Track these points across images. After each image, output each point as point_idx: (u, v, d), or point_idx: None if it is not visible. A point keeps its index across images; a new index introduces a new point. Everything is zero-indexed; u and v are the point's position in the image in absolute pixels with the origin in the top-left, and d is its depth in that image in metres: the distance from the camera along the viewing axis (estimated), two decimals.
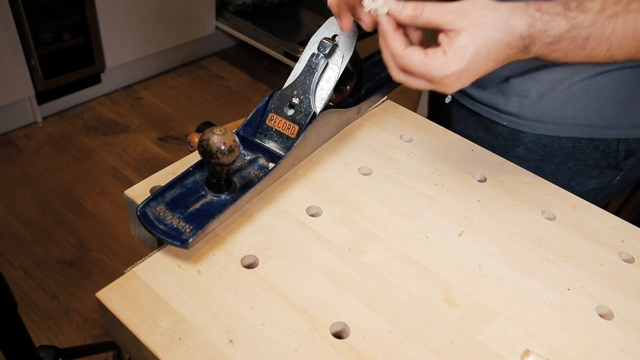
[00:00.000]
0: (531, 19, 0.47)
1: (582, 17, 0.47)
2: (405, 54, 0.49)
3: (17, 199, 1.74)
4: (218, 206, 0.55)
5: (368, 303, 0.51)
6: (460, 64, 0.47)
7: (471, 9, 0.47)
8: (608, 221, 0.64)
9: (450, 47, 0.48)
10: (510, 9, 0.47)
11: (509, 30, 0.47)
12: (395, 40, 0.50)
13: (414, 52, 0.49)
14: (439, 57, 0.48)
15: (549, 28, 0.47)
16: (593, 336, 0.51)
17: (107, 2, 1.94)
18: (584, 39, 0.47)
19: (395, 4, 0.50)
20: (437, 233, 0.59)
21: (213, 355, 0.45)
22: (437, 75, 0.48)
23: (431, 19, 0.48)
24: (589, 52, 0.48)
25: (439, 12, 0.48)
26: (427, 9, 0.48)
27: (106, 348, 1.20)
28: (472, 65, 0.48)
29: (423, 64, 0.48)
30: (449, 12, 0.48)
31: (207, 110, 2.22)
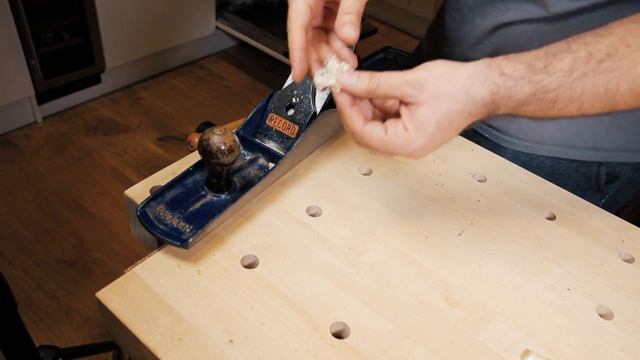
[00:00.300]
0: (494, 86, 0.44)
1: (548, 80, 0.44)
2: (365, 132, 0.47)
3: (17, 199, 1.74)
4: (218, 206, 0.55)
5: (368, 303, 0.51)
6: (421, 139, 0.45)
7: (429, 80, 0.45)
8: (608, 221, 0.64)
9: (411, 122, 0.45)
10: (470, 77, 0.44)
11: (470, 100, 0.44)
12: (352, 119, 0.47)
13: (373, 129, 0.47)
14: (399, 134, 0.46)
15: (513, 93, 0.44)
16: (593, 336, 0.51)
17: (107, 2, 1.94)
18: (551, 101, 0.45)
19: (348, 78, 0.47)
20: (437, 233, 0.59)
21: (213, 355, 0.45)
22: (399, 152, 0.47)
23: (388, 92, 0.46)
24: (558, 111, 0.46)
25: (396, 85, 0.45)
26: (382, 82, 0.46)
27: (106, 348, 1.20)
28: (435, 139, 0.46)
29: (384, 142, 0.46)
30: (405, 84, 0.45)
31: (207, 110, 2.22)
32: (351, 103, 0.47)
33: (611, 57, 0.44)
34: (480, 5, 0.68)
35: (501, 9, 0.66)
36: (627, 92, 0.44)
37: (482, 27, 0.68)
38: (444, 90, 0.44)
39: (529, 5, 0.63)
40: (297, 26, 0.48)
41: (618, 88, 0.44)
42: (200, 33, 2.39)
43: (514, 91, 0.44)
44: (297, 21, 0.48)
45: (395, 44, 0.89)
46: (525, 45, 0.66)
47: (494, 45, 0.69)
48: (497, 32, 0.68)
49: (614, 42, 0.44)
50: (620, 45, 0.44)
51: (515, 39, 0.66)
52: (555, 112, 0.46)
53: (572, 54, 0.44)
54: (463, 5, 0.71)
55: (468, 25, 0.71)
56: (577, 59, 0.44)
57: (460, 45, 0.74)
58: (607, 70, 0.44)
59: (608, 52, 0.44)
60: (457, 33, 0.74)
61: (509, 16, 0.65)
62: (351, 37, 0.47)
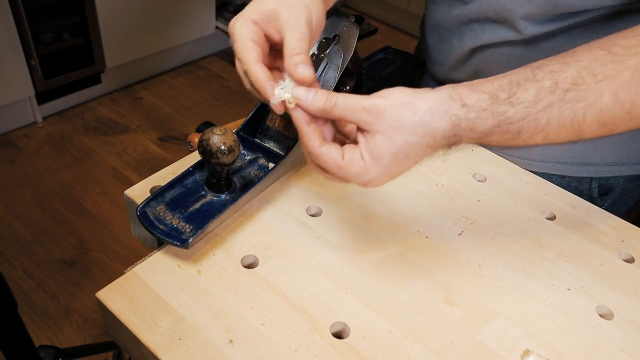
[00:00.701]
0: (455, 118, 0.42)
1: (512, 112, 0.42)
2: (321, 153, 0.45)
3: (17, 199, 1.74)
4: (218, 206, 0.55)
5: (368, 303, 0.51)
6: (377, 170, 0.44)
7: (387, 109, 0.42)
8: (608, 221, 0.64)
9: (367, 151, 0.43)
10: (431, 109, 0.42)
11: (429, 133, 0.42)
12: (309, 137, 0.45)
13: (330, 153, 0.44)
14: (355, 163, 0.44)
15: (475, 126, 0.42)
16: (593, 336, 0.51)
17: (107, 2, 1.94)
18: (515, 132, 0.43)
19: (304, 93, 0.45)
20: (437, 233, 0.59)
21: (213, 355, 0.45)
22: (354, 180, 0.45)
23: (344, 115, 0.44)
24: (523, 142, 0.44)
25: (352, 109, 0.43)
26: (339, 104, 0.44)
27: (106, 348, 1.20)
28: (390, 170, 0.44)
29: (339, 167, 0.44)
30: (362, 110, 0.43)
31: (207, 110, 2.22)
32: (309, 120, 0.45)
33: (577, 87, 0.42)
34: (456, 26, 0.69)
35: (477, 31, 0.66)
36: (593, 122, 0.43)
37: (460, 49, 0.69)
38: (402, 121, 0.42)
39: (502, 28, 0.63)
40: (253, 62, 0.46)
41: (584, 119, 0.42)
42: (200, 33, 2.39)
43: (477, 123, 0.42)
44: (250, 57, 0.46)
45: (395, 44, 0.89)
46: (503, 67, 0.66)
47: (474, 67, 0.70)
48: (476, 55, 0.69)
49: (580, 70, 0.42)
50: (587, 74, 0.42)
51: (493, 60, 0.67)
52: (520, 142, 0.44)
53: (537, 83, 0.43)
54: (440, 25, 0.72)
55: (447, 44, 0.72)
56: (542, 88, 0.42)
57: (442, 65, 0.75)
58: (573, 101, 0.42)
59: (574, 82, 0.42)
60: (438, 52, 0.75)
61: (484, 38, 0.65)
62: (307, 76, 0.45)
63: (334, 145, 0.45)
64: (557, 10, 0.58)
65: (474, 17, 0.65)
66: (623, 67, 0.41)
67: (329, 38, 0.62)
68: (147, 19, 2.12)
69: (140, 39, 2.15)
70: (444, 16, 0.70)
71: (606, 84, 0.42)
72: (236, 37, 0.47)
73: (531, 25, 0.61)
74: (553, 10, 0.58)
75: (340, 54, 0.62)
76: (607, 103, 0.42)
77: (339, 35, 0.63)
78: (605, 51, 0.43)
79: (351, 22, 0.63)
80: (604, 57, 0.42)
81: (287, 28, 0.46)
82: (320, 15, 0.49)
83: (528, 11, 0.59)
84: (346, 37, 0.63)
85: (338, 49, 0.62)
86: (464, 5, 0.66)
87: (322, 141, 0.45)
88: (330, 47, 0.62)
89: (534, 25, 0.61)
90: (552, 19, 0.60)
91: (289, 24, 0.46)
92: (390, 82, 0.77)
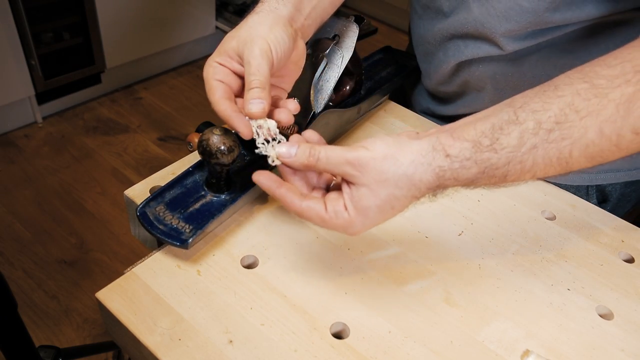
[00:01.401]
0: (438, 170, 0.42)
1: (496, 158, 0.42)
2: (303, 210, 0.45)
3: (17, 199, 1.74)
4: (218, 206, 0.55)
5: (368, 303, 0.51)
6: (362, 222, 0.44)
7: (370, 162, 0.42)
8: (608, 221, 0.63)
9: (351, 203, 0.43)
10: (414, 161, 0.42)
11: (414, 185, 0.42)
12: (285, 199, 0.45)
13: (311, 208, 0.45)
14: (340, 215, 0.44)
15: (459, 175, 0.42)
16: (593, 336, 0.51)
17: (107, 2, 1.94)
18: (501, 176, 0.43)
19: (286, 150, 0.45)
20: (437, 233, 0.59)
21: (213, 356, 0.45)
22: (340, 231, 0.45)
23: (328, 168, 0.44)
24: (510, 182, 0.44)
25: (336, 163, 0.43)
26: (322, 158, 0.44)
27: (106, 348, 1.20)
28: (376, 220, 0.44)
29: (324, 222, 0.45)
30: (346, 163, 0.43)
31: (207, 110, 2.22)
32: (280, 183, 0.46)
33: (560, 125, 0.41)
34: (440, 41, 0.69)
35: (460, 46, 0.66)
36: (581, 157, 0.42)
37: (445, 64, 0.69)
38: (386, 175, 0.42)
39: (484, 44, 0.63)
40: (218, 100, 0.48)
41: (571, 155, 0.42)
42: (200, 33, 2.39)
43: (461, 173, 0.42)
44: (214, 95, 0.49)
45: (395, 44, 0.89)
46: (490, 80, 0.66)
47: (461, 81, 0.70)
48: (462, 69, 0.69)
49: (562, 108, 0.42)
50: (570, 111, 0.41)
51: (479, 74, 0.67)
52: (507, 183, 0.44)
53: (520, 126, 0.42)
54: (425, 40, 0.72)
55: (433, 59, 0.72)
56: (525, 130, 0.42)
57: (430, 78, 0.75)
58: (558, 140, 0.42)
59: (557, 121, 0.41)
60: (426, 65, 0.75)
61: (467, 53, 0.65)
62: (258, 112, 0.47)
63: (314, 199, 0.45)
64: (537, 26, 0.58)
65: (456, 32, 0.65)
66: (607, 100, 0.41)
67: (329, 38, 0.62)
68: (147, 19, 2.12)
69: (140, 39, 2.15)
70: (428, 31, 0.70)
71: (590, 119, 0.41)
72: (205, 80, 0.49)
73: (512, 42, 0.61)
74: (532, 26, 0.58)
75: (340, 54, 0.62)
76: (593, 138, 0.41)
77: (338, 35, 0.63)
78: (588, 84, 0.42)
79: (351, 22, 0.63)
80: (587, 91, 0.41)
81: (245, 64, 0.48)
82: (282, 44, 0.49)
83: (507, 29, 0.59)
84: (346, 37, 0.63)
85: (338, 49, 0.62)
86: (445, 19, 0.66)
87: (301, 197, 0.45)
88: (330, 47, 0.62)
89: (515, 41, 0.61)
90: (533, 35, 0.60)
91: (245, 59, 0.48)
92: (390, 82, 0.77)
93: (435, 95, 0.78)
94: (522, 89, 0.65)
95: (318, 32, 0.64)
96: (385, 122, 0.75)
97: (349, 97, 0.71)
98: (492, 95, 0.68)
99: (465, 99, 0.72)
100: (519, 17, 0.58)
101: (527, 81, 0.64)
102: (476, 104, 0.71)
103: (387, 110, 0.78)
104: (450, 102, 0.76)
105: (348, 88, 0.70)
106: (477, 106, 0.71)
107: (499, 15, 0.59)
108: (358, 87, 0.72)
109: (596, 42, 0.59)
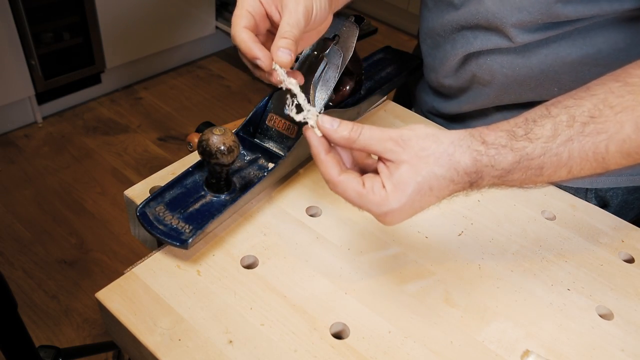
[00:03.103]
0: (476, 154, 0.42)
1: (531, 147, 0.42)
2: (340, 181, 0.44)
3: (17, 199, 1.74)
4: (218, 206, 0.55)
5: (368, 303, 0.51)
6: (399, 200, 0.42)
7: (412, 138, 0.43)
8: (608, 221, 0.63)
9: (389, 181, 0.43)
10: (453, 142, 0.43)
11: (453, 165, 0.42)
12: (326, 166, 0.44)
13: (349, 181, 0.44)
14: (377, 192, 0.43)
15: (496, 162, 0.42)
16: (593, 336, 0.51)
17: (107, 2, 1.94)
18: (537, 168, 0.43)
19: (329, 122, 0.44)
20: (437, 233, 0.59)
21: (213, 356, 0.45)
22: (375, 210, 0.44)
23: (369, 144, 0.43)
24: (547, 177, 0.44)
25: (378, 138, 0.43)
26: (364, 133, 0.43)
27: (106, 348, 1.20)
28: (413, 202, 0.43)
29: (359, 196, 0.43)
30: (388, 139, 0.43)
31: (207, 110, 2.22)
32: (327, 149, 0.45)
33: (595, 120, 0.42)
34: (449, 33, 0.69)
35: (469, 38, 0.66)
36: (617, 153, 0.42)
37: (453, 55, 0.69)
38: (427, 151, 0.42)
39: (494, 35, 0.63)
40: (240, 28, 0.47)
41: (607, 150, 0.42)
42: (200, 33, 2.39)
43: (497, 159, 0.42)
44: (239, 24, 0.47)
45: (395, 44, 0.89)
46: (497, 73, 0.66)
47: (469, 74, 0.70)
48: (469, 62, 0.69)
49: (596, 104, 0.42)
50: (604, 107, 0.42)
51: (487, 67, 0.67)
52: (544, 179, 0.44)
53: (553, 119, 0.43)
54: (434, 32, 0.72)
55: (441, 51, 0.72)
56: (559, 123, 0.42)
57: (435, 71, 0.75)
58: (593, 133, 0.42)
59: (591, 115, 0.42)
60: (432, 59, 0.75)
61: (476, 45, 0.65)
62: (285, 62, 0.46)
63: (352, 173, 0.45)
64: (549, 18, 0.58)
65: (466, 23, 0.65)
66: None
67: (329, 38, 0.62)
68: (147, 19, 2.12)
69: (140, 39, 2.15)
70: (437, 22, 0.70)
71: (626, 114, 0.41)
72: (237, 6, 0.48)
73: (522, 34, 0.61)
74: (544, 18, 0.58)
75: (340, 54, 0.62)
76: (629, 133, 0.41)
77: (338, 35, 0.63)
78: (621, 83, 0.42)
79: (351, 22, 0.63)
80: (620, 89, 0.42)
81: (285, 11, 0.47)
82: (322, 10, 0.49)
83: (519, 20, 0.59)
84: (346, 37, 0.63)
85: (338, 49, 0.62)
86: (456, 11, 0.66)
87: (341, 170, 0.45)
88: (330, 47, 0.61)
89: (525, 33, 0.61)
90: (544, 27, 0.60)
91: (288, 7, 0.47)
92: (390, 82, 0.77)
93: (440, 91, 0.78)
94: (528, 85, 0.66)
95: None
96: (385, 122, 0.75)
97: (349, 97, 0.71)
98: (497, 90, 0.68)
99: (470, 95, 0.72)
100: (531, 7, 0.58)
101: (534, 76, 0.64)
102: (481, 100, 0.71)
103: (387, 110, 0.78)
104: (454, 97, 0.76)
105: (348, 88, 0.70)
106: (482, 102, 0.71)
107: (511, 5, 0.59)
108: (358, 87, 0.72)
109: (605, 39, 0.59)
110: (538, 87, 0.65)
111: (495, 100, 0.70)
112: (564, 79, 0.63)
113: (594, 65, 0.61)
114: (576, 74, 0.62)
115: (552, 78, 0.64)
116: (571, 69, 0.62)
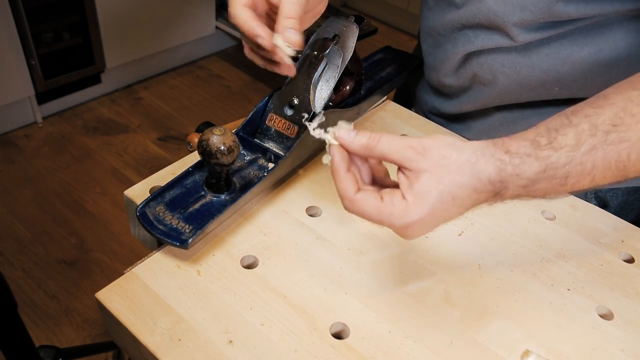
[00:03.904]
0: (500, 163, 0.41)
1: (555, 156, 0.42)
2: (357, 199, 0.42)
3: (17, 199, 1.74)
4: (218, 206, 0.55)
5: (368, 303, 0.51)
6: (422, 211, 0.41)
7: (433, 147, 0.41)
8: (608, 221, 0.63)
9: (410, 191, 0.41)
10: (476, 151, 0.41)
11: (475, 174, 0.41)
12: (344, 184, 0.43)
13: (366, 197, 0.42)
14: (397, 204, 0.41)
15: (521, 171, 0.41)
16: (593, 336, 0.51)
17: (107, 2, 1.94)
18: (562, 177, 0.42)
19: (346, 133, 0.43)
20: (437, 233, 0.59)
21: (213, 356, 0.45)
22: (395, 223, 0.41)
23: (388, 152, 0.42)
24: (570, 187, 0.43)
25: (397, 147, 0.41)
26: (383, 141, 0.42)
27: (106, 348, 1.20)
28: (435, 212, 0.41)
29: (378, 211, 0.42)
30: (408, 147, 0.41)
31: (207, 110, 2.22)
32: (348, 166, 0.44)
33: (617, 128, 0.42)
34: (450, 32, 0.69)
35: (470, 37, 0.66)
36: (638, 161, 0.43)
37: (454, 55, 0.69)
38: (449, 160, 0.41)
39: (495, 34, 0.63)
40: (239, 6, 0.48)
41: (629, 158, 0.42)
42: (200, 33, 2.39)
43: (522, 169, 0.41)
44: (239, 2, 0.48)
45: (395, 44, 0.89)
46: (498, 73, 0.66)
47: (469, 73, 0.70)
48: (470, 60, 0.69)
49: (617, 112, 0.42)
50: (625, 115, 0.42)
51: (488, 66, 0.67)
52: (567, 189, 0.43)
53: (575, 128, 0.42)
54: (435, 31, 0.72)
55: (441, 50, 0.72)
56: (582, 132, 0.42)
57: (437, 71, 0.75)
58: (616, 142, 0.42)
59: (613, 123, 0.42)
60: (432, 58, 0.75)
61: (477, 44, 0.65)
62: (295, 41, 0.47)
63: (370, 188, 0.44)
64: (551, 17, 0.58)
65: (467, 22, 0.65)
66: None
67: (329, 38, 0.62)
68: (147, 19, 2.12)
69: (140, 39, 2.15)
70: (438, 21, 0.70)
71: None
72: None
73: (524, 32, 0.61)
74: (546, 17, 0.58)
75: (340, 54, 0.62)
76: None
77: (338, 36, 0.63)
78: (639, 91, 0.43)
79: (351, 22, 0.63)
80: (639, 97, 0.42)
81: None
82: None
83: (520, 18, 0.59)
84: (346, 37, 0.63)
85: (338, 49, 0.62)
86: (457, 10, 0.66)
87: (357, 187, 0.43)
88: (330, 47, 0.61)
89: (527, 32, 0.61)
90: (546, 27, 0.60)
91: None
92: (390, 82, 0.77)
93: (440, 91, 0.78)
94: (529, 85, 0.65)
95: (318, 32, 0.64)
96: (385, 122, 0.75)
97: (349, 97, 0.71)
98: (498, 90, 0.68)
99: (470, 94, 0.72)
100: (533, 6, 0.58)
101: (535, 75, 0.64)
102: (481, 100, 0.71)
103: (387, 110, 0.78)
104: (454, 97, 0.76)
105: (348, 88, 0.70)
106: (482, 102, 0.71)
107: (513, 4, 0.59)
108: (358, 87, 0.72)
109: (607, 39, 0.59)
110: (539, 86, 0.65)
111: (495, 99, 0.70)
112: (565, 79, 0.63)
113: (596, 65, 0.61)
114: (577, 73, 0.62)
115: (553, 77, 0.63)
116: (572, 68, 0.62)
